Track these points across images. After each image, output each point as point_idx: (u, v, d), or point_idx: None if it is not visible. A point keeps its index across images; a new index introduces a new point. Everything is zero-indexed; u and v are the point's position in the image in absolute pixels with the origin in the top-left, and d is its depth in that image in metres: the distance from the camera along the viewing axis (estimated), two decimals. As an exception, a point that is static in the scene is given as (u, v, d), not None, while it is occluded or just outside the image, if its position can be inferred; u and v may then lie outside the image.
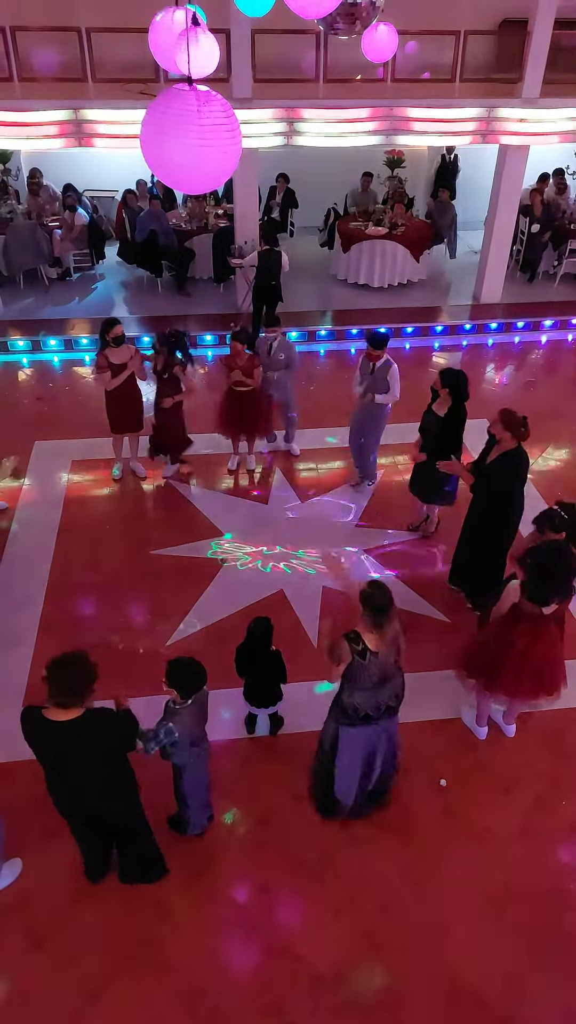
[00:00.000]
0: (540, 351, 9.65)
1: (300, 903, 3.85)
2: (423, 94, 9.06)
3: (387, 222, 10.41)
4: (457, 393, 5.40)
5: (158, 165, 2.54)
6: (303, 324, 9.63)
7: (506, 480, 4.92)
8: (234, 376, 6.42)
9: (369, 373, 6.12)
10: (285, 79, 8.97)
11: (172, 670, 3.49)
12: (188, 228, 10.47)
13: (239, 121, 2.63)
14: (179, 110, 2.44)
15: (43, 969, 3.57)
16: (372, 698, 3.69)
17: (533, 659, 4.03)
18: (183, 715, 3.52)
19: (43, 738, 3.15)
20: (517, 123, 9.10)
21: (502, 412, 4.86)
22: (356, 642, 3.52)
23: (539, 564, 3.83)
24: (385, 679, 3.66)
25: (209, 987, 3.52)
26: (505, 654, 4.06)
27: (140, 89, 7.81)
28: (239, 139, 2.58)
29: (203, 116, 2.44)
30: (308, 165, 11.08)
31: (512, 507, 5.04)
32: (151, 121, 2.48)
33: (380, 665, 3.57)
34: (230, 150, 2.51)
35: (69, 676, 3.09)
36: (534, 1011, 3.48)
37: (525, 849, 4.11)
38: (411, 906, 3.84)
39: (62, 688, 3.08)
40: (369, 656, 3.53)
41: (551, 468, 7.26)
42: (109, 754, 3.25)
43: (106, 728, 3.20)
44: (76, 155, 10.28)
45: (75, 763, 3.20)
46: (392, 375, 6.06)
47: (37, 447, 7.31)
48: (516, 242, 10.75)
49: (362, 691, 3.65)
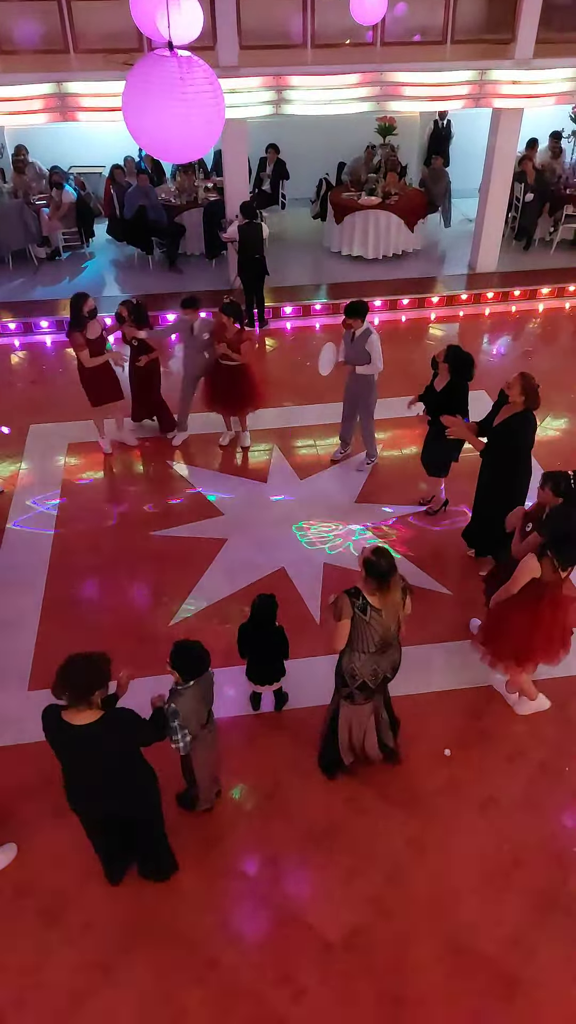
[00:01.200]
0: (537, 320, 9.55)
1: (308, 874, 3.91)
2: (414, 57, 8.84)
3: (380, 191, 10.23)
4: (457, 370, 5.35)
5: (141, 133, 2.48)
6: (297, 298, 9.51)
7: (517, 439, 4.92)
8: (219, 349, 6.35)
9: (350, 343, 6.05)
10: (272, 46, 8.74)
11: (175, 653, 3.50)
12: (177, 203, 10.29)
13: (224, 90, 2.56)
14: (161, 77, 2.38)
15: (56, 945, 3.63)
16: (370, 664, 3.75)
17: (560, 625, 4.18)
18: (186, 696, 3.54)
19: (61, 739, 3.12)
20: (510, 85, 8.89)
21: (523, 375, 4.85)
22: (356, 596, 3.58)
23: (567, 530, 3.86)
24: (386, 646, 3.71)
25: (221, 959, 3.58)
26: (535, 630, 4.13)
27: (124, 59, 7.61)
28: (223, 106, 2.52)
29: (186, 83, 2.37)
30: (298, 135, 10.86)
31: (521, 466, 5.05)
32: (132, 88, 2.42)
33: (383, 626, 3.62)
34: (214, 117, 2.45)
35: (79, 678, 3.02)
36: (540, 972, 3.54)
37: (530, 816, 4.16)
38: (417, 874, 3.90)
39: (73, 689, 3.01)
40: (371, 612, 3.58)
41: (549, 438, 7.22)
42: (125, 755, 3.23)
43: (124, 730, 3.17)
44: (62, 131, 10.07)
45: (93, 765, 3.18)
46: (371, 344, 5.95)
47: (33, 430, 7.27)
48: (511, 209, 10.57)
49: (362, 654, 3.71)
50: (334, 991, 3.47)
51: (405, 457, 6.85)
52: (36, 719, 3.16)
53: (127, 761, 3.28)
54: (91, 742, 3.08)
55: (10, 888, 3.84)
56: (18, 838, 4.01)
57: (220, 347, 6.35)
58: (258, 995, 3.46)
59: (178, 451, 6.97)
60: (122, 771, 3.28)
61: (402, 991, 3.47)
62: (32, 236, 10.18)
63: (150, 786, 3.45)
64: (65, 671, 3.04)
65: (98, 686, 3.06)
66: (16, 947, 3.64)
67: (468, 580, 5.56)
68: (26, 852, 3.97)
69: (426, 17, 8.91)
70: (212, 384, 6.69)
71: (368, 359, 5.99)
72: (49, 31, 8.37)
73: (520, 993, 3.47)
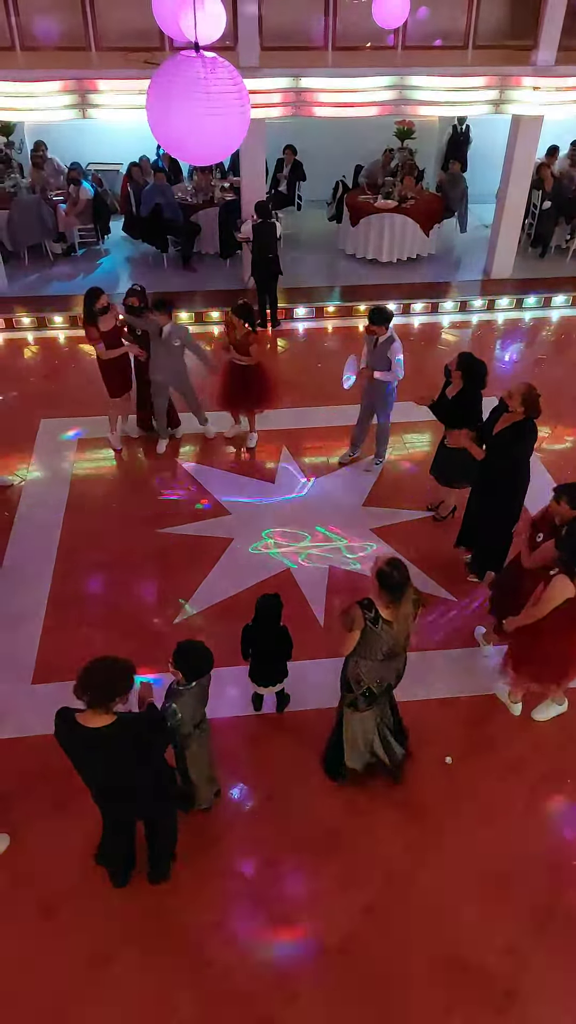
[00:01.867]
0: (551, 327, 9.51)
1: (306, 877, 3.90)
2: (435, 62, 8.82)
3: (396, 195, 10.21)
4: (471, 378, 5.29)
5: (164, 135, 2.49)
6: (310, 300, 9.50)
7: (516, 449, 4.85)
8: (230, 354, 6.36)
9: (372, 349, 6.04)
10: (293, 47, 8.74)
11: (179, 654, 3.50)
12: (194, 202, 10.30)
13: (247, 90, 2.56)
14: (186, 77, 2.38)
15: (52, 937, 3.64)
16: (376, 671, 3.74)
17: None
18: (186, 697, 3.54)
19: (73, 741, 3.10)
20: (531, 92, 8.85)
21: (526, 387, 4.74)
22: (369, 608, 3.56)
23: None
24: (393, 656, 3.70)
25: (216, 958, 3.58)
26: (570, 645, 4.07)
27: (145, 59, 7.63)
28: (248, 107, 2.52)
29: (211, 83, 2.37)
30: (316, 137, 10.85)
31: (519, 477, 4.98)
32: (157, 89, 2.42)
33: (392, 637, 3.61)
34: (238, 119, 2.45)
35: (103, 682, 3.00)
36: (536, 984, 3.52)
37: (529, 826, 4.14)
38: (415, 881, 3.88)
39: (95, 691, 2.98)
40: (382, 624, 3.57)
41: (560, 447, 7.19)
42: (140, 756, 3.21)
43: (136, 732, 3.15)
44: (80, 127, 10.08)
45: (107, 767, 3.17)
46: (392, 352, 5.95)
47: (44, 424, 7.29)
48: (528, 216, 10.54)
49: (368, 661, 3.70)
50: (327, 996, 3.47)
51: (415, 462, 6.84)
52: (39, 712, 3.18)
53: (142, 761, 3.24)
54: (104, 745, 3.05)
55: (8, 878, 3.85)
56: (18, 829, 4.02)
57: (229, 354, 6.34)
58: (251, 997, 3.45)
59: (185, 449, 6.97)
60: (136, 773, 3.24)
61: (396, 999, 3.46)
62: (48, 231, 10.21)
63: (167, 787, 3.44)
64: (89, 673, 3.01)
65: (120, 692, 3.03)
66: (12, 937, 3.65)
67: (472, 586, 5.54)
68: (25, 843, 3.98)
69: (448, 22, 8.89)
70: (226, 383, 6.68)
71: (388, 365, 5.98)
72: (71, 28, 8.41)
73: (515, 1004, 3.45)
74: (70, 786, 3.37)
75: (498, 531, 5.17)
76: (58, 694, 4.60)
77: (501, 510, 5.08)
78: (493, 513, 5.11)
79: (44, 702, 4.63)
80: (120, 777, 3.23)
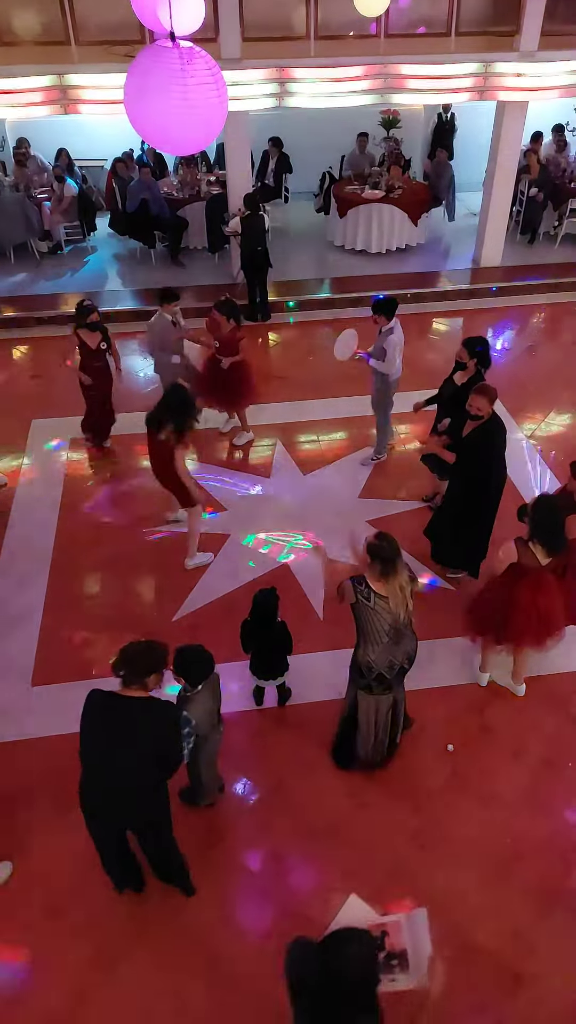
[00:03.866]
0: (542, 314, 9.50)
1: (311, 869, 3.91)
2: (418, 50, 8.77)
3: (383, 185, 10.17)
4: (482, 362, 5.26)
5: (142, 125, 2.46)
6: (300, 292, 9.47)
7: (485, 453, 4.84)
8: (207, 349, 6.38)
9: (377, 337, 6.02)
10: (275, 37, 8.67)
11: (177, 661, 3.48)
12: (180, 196, 10.25)
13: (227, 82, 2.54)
14: (162, 68, 2.35)
15: (61, 938, 3.64)
16: (386, 655, 3.75)
17: (538, 609, 4.20)
18: (196, 701, 3.52)
19: (101, 715, 3.15)
20: (515, 78, 8.82)
21: (485, 389, 4.78)
22: (360, 583, 3.62)
23: (543, 518, 4.06)
24: (399, 636, 3.72)
25: (224, 953, 3.59)
26: (512, 609, 4.21)
27: (125, 51, 7.56)
28: (225, 97, 2.50)
29: (187, 74, 2.34)
30: (302, 128, 10.79)
31: (491, 479, 4.95)
32: (133, 80, 2.40)
33: (391, 614, 3.63)
34: (216, 108, 2.43)
35: (139, 656, 3.18)
36: (541, 966, 3.54)
37: (532, 811, 4.16)
38: (419, 869, 3.90)
39: (130, 664, 3.16)
40: (375, 599, 3.59)
41: (553, 433, 7.20)
42: (158, 739, 3.19)
43: (165, 712, 3.22)
44: (63, 123, 10.00)
45: (125, 743, 3.14)
46: (389, 343, 5.93)
47: (35, 425, 7.26)
48: (515, 203, 10.51)
49: (375, 646, 3.71)
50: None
51: (411, 453, 6.83)
52: (39, 714, 3.16)
53: (159, 746, 3.20)
54: (131, 715, 3.12)
55: (14, 880, 3.85)
56: (21, 832, 4.02)
57: (204, 343, 6.34)
58: (260, 990, 3.45)
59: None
60: (150, 760, 3.18)
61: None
62: (34, 230, 10.15)
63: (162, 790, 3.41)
64: (126, 651, 3.20)
65: (156, 668, 3.18)
66: (20, 939, 3.65)
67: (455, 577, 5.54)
68: (30, 846, 3.98)
69: (430, 9, 8.84)
70: (206, 380, 6.62)
71: (383, 355, 5.96)
72: (50, 22, 8.32)
73: (522, 988, 3.47)
74: (73, 787, 3.36)
75: (477, 529, 5.15)
76: (59, 696, 4.65)
77: (475, 509, 5.07)
78: (469, 512, 5.10)
79: (45, 704, 4.65)
80: (131, 761, 3.13)
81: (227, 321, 6.26)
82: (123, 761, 3.14)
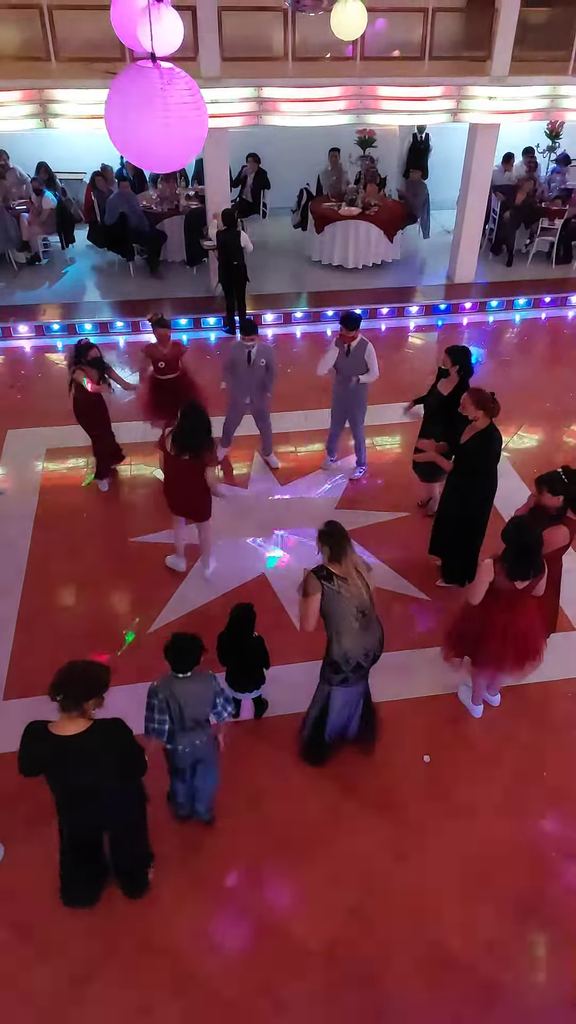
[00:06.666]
0: (514, 330, 9.70)
1: (288, 882, 3.90)
2: (393, 73, 8.97)
3: (360, 202, 10.34)
4: (464, 368, 5.33)
5: (123, 144, 2.50)
6: (278, 306, 9.56)
7: (481, 460, 4.95)
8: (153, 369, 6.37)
9: (345, 355, 6.09)
10: (254, 57, 8.83)
11: (165, 647, 3.50)
12: (159, 210, 10.30)
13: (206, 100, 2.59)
14: (143, 88, 2.40)
15: (29, 959, 3.57)
16: (359, 641, 3.84)
17: (514, 632, 4.13)
18: (174, 682, 3.51)
19: (44, 753, 3.05)
20: (487, 101, 9.06)
21: (473, 392, 4.86)
22: (320, 570, 3.75)
23: (512, 541, 3.92)
24: (367, 621, 3.82)
25: (199, 969, 3.55)
26: (487, 631, 4.15)
27: (106, 68, 7.63)
28: (205, 117, 2.55)
29: (168, 94, 2.39)
30: (280, 145, 10.94)
31: (487, 485, 5.08)
32: (115, 99, 2.43)
33: (354, 595, 3.73)
34: (196, 128, 2.47)
35: (77, 680, 3.01)
36: (518, 976, 3.56)
37: (508, 820, 4.20)
38: (397, 880, 3.91)
39: (68, 689, 2.99)
40: (337, 581, 3.71)
41: (525, 447, 7.33)
42: (121, 762, 3.15)
43: (117, 738, 3.11)
44: (43, 136, 10.02)
45: (80, 776, 3.11)
46: (369, 354, 6.06)
47: (10, 435, 7.20)
48: (488, 221, 10.75)
49: (348, 633, 3.79)
50: (315, 1001, 3.46)
51: (388, 463, 6.90)
52: (10, 728, 3.11)
53: (120, 769, 3.19)
54: (79, 753, 3.02)
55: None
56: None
57: (145, 365, 6.36)
58: (238, 1006, 3.43)
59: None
60: (111, 781, 3.19)
61: (383, 1000, 3.47)
62: (12, 241, 10.12)
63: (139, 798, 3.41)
64: (63, 673, 3.05)
65: (95, 693, 3.05)
66: (-9, 960, 3.58)
67: (444, 589, 5.60)
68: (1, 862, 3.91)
69: (405, 33, 9.07)
70: (154, 400, 6.57)
71: (367, 368, 6.07)
72: (31, 38, 8.37)
73: (499, 999, 3.49)
74: (45, 803, 3.33)
75: (470, 538, 5.25)
76: (32, 709, 4.57)
77: (472, 518, 5.16)
78: (465, 521, 5.19)
79: (16, 718, 4.56)
80: (96, 786, 3.17)
81: (168, 337, 6.32)
82: (93, 792, 3.18)
